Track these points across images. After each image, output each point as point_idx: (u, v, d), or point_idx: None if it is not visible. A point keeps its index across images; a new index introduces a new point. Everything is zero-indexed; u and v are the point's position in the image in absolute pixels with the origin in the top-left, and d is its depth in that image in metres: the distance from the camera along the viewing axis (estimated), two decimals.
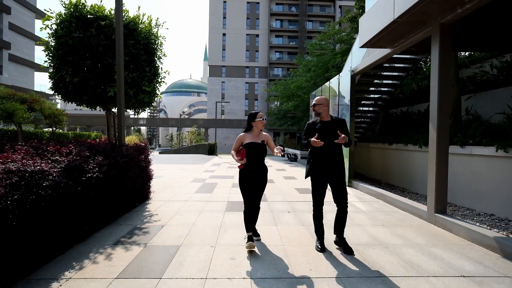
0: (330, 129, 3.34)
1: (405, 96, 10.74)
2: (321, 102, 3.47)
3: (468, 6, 4.02)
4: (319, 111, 3.47)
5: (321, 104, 3.44)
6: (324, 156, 3.34)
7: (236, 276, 2.80)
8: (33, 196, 2.64)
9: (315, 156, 3.39)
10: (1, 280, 2.44)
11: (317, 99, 3.50)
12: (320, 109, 3.45)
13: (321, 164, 3.37)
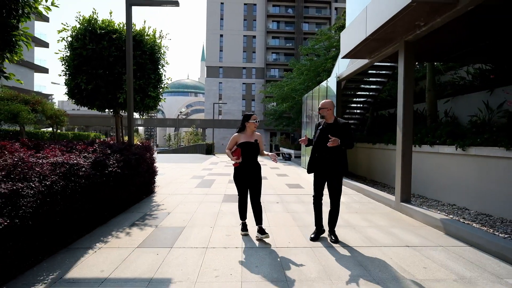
0: (332, 131, 3.57)
1: (392, 99, 11.55)
2: (326, 106, 3.69)
3: (424, 29, 4.83)
4: (324, 113, 3.71)
5: (325, 108, 3.68)
6: (324, 155, 3.62)
7: (230, 246, 3.58)
8: (71, 184, 3.41)
9: (317, 154, 3.70)
10: (51, 247, 3.20)
11: (322, 103, 3.73)
12: (325, 112, 3.70)
13: (321, 161, 3.66)
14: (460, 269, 3.01)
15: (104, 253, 3.32)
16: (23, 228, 2.71)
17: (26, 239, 2.79)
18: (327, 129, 3.62)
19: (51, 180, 3.05)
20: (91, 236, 3.84)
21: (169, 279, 2.72)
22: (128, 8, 6.12)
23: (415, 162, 7.36)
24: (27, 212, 2.71)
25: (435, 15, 4.47)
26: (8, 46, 2.90)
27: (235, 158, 3.76)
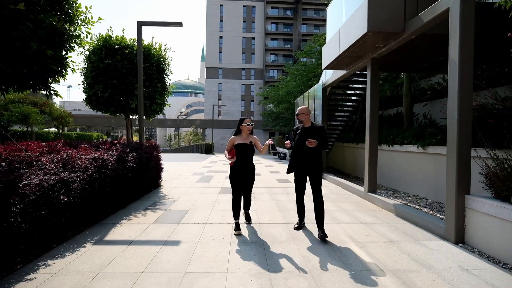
0: (309, 134, 3.95)
1: (380, 102, 12.58)
2: (303, 111, 4.07)
3: (384, 49, 5.91)
4: (301, 119, 4.08)
5: (302, 113, 4.06)
6: (303, 156, 4.00)
7: (223, 222, 4.66)
8: (103, 174, 4.48)
9: (296, 155, 4.09)
10: (89, 222, 4.28)
11: (299, 109, 4.09)
12: (302, 117, 4.07)
13: (300, 162, 4.04)
14: (392, 236, 4.09)
15: (128, 226, 4.40)
16: (74, 204, 3.78)
17: (75, 213, 3.86)
18: (305, 133, 4.00)
19: (91, 171, 4.12)
20: (115, 216, 4.91)
21: (178, 241, 3.80)
22: (139, 28, 7.19)
23: (389, 159, 8.47)
24: (76, 194, 3.78)
25: (389, 40, 5.55)
26: (61, 72, 3.94)
27: (230, 157, 4.11)
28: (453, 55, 3.93)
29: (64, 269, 2.97)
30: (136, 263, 3.14)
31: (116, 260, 3.19)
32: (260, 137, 50.92)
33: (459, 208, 3.84)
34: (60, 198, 3.46)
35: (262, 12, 58.30)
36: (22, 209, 2.87)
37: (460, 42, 3.82)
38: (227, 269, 3.02)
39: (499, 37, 4.49)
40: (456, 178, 3.84)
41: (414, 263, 3.21)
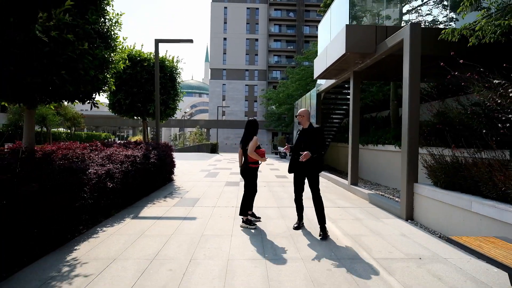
0: (307, 135, 4.21)
1: (374, 104, 13.70)
2: (301, 113, 4.29)
3: (362, 65, 7.07)
4: (300, 120, 4.33)
5: (300, 115, 4.29)
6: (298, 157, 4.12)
7: (228, 206, 5.87)
8: (131, 168, 5.70)
9: (296, 156, 4.22)
10: (125, 205, 5.51)
11: (299, 112, 4.34)
12: (300, 119, 4.31)
13: (299, 163, 4.16)
14: (360, 216, 5.27)
15: (154, 208, 5.63)
16: (116, 190, 5.01)
17: (116, 196, 5.10)
18: (302, 134, 4.28)
19: (126, 164, 5.36)
20: (142, 202, 6.14)
21: (195, 217, 5.02)
22: (156, 44, 8.43)
23: (374, 157, 9.62)
24: (117, 182, 5.01)
25: (365, 59, 6.72)
26: (104, 90, 5.18)
27: (263, 159, 4.45)
28: (405, 74, 5.10)
29: (116, 232, 4.20)
30: (166, 229, 4.36)
31: (151, 228, 4.41)
32: (263, 137, 52.04)
33: (409, 193, 5.01)
34: (108, 185, 4.70)
35: (266, 14, 59.22)
36: (89, 189, 4.11)
37: (409, 64, 4.99)
38: (231, 234, 4.23)
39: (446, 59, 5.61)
40: (407, 170, 5.02)
41: (368, 231, 4.40)
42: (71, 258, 3.29)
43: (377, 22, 7.69)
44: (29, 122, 4.78)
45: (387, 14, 7.69)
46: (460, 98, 6.34)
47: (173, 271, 3.02)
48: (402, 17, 8.63)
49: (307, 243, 3.90)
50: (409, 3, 8.43)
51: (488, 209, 3.49)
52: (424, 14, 8.87)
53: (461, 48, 5.04)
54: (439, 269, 3.13)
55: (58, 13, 3.73)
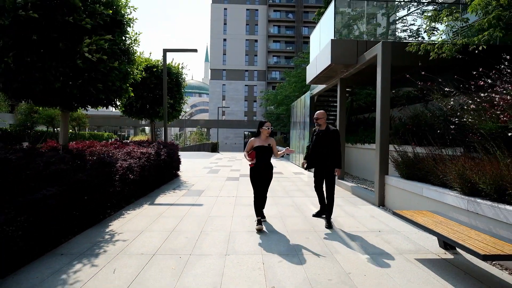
0: (325, 136, 4.48)
1: (366, 105, 14.65)
2: (320, 116, 4.51)
3: (347, 73, 8.04)
4: (319, 122, 4.55)
5: (320, 118, 4.54)
6: (321, 155, 4.58)
7: (230, 195, 6.85)
8: (147, 163, 6.67)
9: (314, 155, 4.67)
10: (141, 195, 6.48)
11: (316, 114, 4.54)
12: (319, 121, 4.54)
13: (317, 161, 4.63)
14: (341, 203, 6.24)
15: (166, 197, 6.61)
16: (135, 181, 5.97)
17: (135, 187, 6.06)
18: (322, 136, 4.53)
19: (143, 160, 6.33)
20: (155, 193, 7.11)
21: (201, 204, 6.00)
22: (164, 54, 9.39)
23: (361, 155, 10.59)
24: (136, 174, 5.98)
25: (349, 68, 7.69)
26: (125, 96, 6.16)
27: (250, 159, 4.35)
28: (378, 83, 6.07)
29: (139, 214, 5.17)
30: (178, 213, 5.33)
31: (166, 211, 5.38)
32: None
33: (381, 184, 5.99)
34: (130, 176, 5.67)
35: (265, 15, 59.98)
36: (117, 180, 5.08)
37: (381, 75, 5.96)
38: (232, 215, 5.20)
39: (415, 69, 6.57)
40: (379, 164, 5.99)
41: (345, 214, 5.37)
42: (109, 230, 4.26)
43: (363, 34, 8.66)
44: (64, 124, 5.76)
45: (367, 30, 8.68)
46: (428, 104, 7.35)
47: (189, 238, 4.00)
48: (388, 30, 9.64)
49: (293, 221, 4.88)
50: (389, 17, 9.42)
51: (433, 193, 4.46)
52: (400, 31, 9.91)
53: (428, 61, 5.98)
54: (390, 237, 4.11)
55: (96, 39, 4.70)
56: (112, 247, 3.62)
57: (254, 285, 2.77)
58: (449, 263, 3.30)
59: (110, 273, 2.95)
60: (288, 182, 9.20)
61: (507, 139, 4.07)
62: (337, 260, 3.35)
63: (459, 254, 3.55)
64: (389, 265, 3.23)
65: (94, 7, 4.90)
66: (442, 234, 2.87)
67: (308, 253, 3.54)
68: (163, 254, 3.45)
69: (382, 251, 3.65)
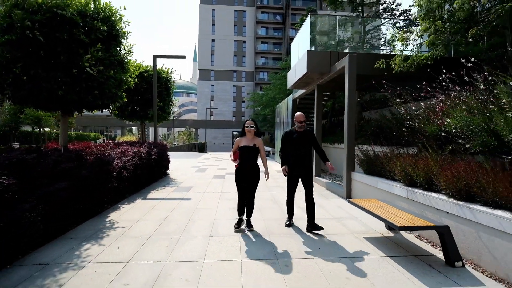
0: (304, 137, 4.45)
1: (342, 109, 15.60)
2: (302, 119, 4.41)
3: (322, 80, 8.88)
4: (303, 125, 4.41)
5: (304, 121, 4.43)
6: (301, 157, 4.43)
7: (216, 191, 7.57)
8: (139, 162, 7.31)
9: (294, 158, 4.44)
10: (133, 191, 7.12)
11: (301, 116, 4.43)
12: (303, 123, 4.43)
13: (296, 163, 4.43)
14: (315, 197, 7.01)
15: (157, 193, 7.27)
16: (128, 178, 6.61)
17: (129, 184, 6.70)
18: (301, 137, 4.44)
19: (135, 159, 6.98)
20: (146, 189, 7.75)
21: (190, 198, 6.70)
22: (154, 59, 10.01)
23: (339, 154, 11.45)
24: (130, 171, 6.62)
25: (323, 76, 8.53)
26: (119, 102, 6.77)
27: (234, 160, 4.27)
28: (345, 90, 6.91)
29: (133, 207, 5.83)
30: (169, 205, 6.02)
31: (158, 205, 6.06)
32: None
33: (349, 179, 6.82)
34: (124, 174, 6.32)
35: (253, 16, 60.60)
36: (114, 177, 5.73)
37: (348, 83, 6.80)
38: (216, 207, 5.93)
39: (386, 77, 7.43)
40: (346, 162, 6.83)
41: (315, 206, 6.17)
42: (108, 220, 4.92)
43: (336, 46, 9.52)
44: (64, 126, 6.35)
45: (345, 39, 9.55)
46: (391, 108, 8.25)
47: (178, 225, 4.71)
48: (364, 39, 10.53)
49: (270, 212, 5.65)
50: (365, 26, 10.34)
51: (385, 185, 5.31)
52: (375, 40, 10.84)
53: (389, 71, 6.83)
54: (348, 222, 4.93)
55: (93, 52, 5.35)
56: (113, 232, 4.30)
57: (230, 255, 3.52)
58: (387, 239, 4.13)
59: (115, 249, 3.64)
60: (270, 179, 9.97)
61: (445, 140, 4.94)
62: (300, 238, 4.14)
63: (399, 233, 4.39)
64: (340, 241, 4.04)
65: (93, 23, 5.54)
66: (377, 214, 3.69)
67: (278, 235, 4.32)
68: (157, 236, 4.16)
69: (338, 232, 4.45)
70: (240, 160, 4.26)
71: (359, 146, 7.07)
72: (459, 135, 4.48)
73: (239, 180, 4.37)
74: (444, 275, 3.07)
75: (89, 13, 5.64)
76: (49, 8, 5.11)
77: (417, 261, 3.43)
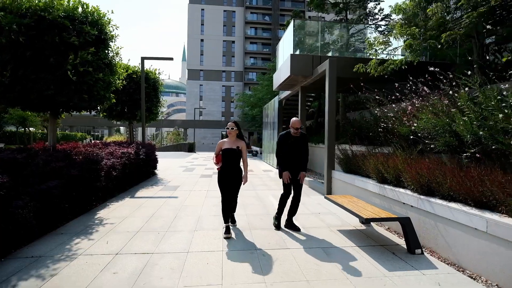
0: (301, 141, 4.51)
1: None
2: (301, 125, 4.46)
3: (305, 83, 9.24)
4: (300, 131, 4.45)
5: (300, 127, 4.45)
6: (295, 160, 4.49)
7: (203, 189, 7.82)
8: (127, 162, 7.50)
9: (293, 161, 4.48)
10: (121, 190, 7.30)
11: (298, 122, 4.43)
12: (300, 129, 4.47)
13: (292, 165, 4.48)
14: None
15: (145, 191, 7.47)
16: (117, 177, 6.80)
17: (118, 182, 6.89)
18: (298, 141, 4.50)
19: (124, 159, 7.16)
20: (134, 188, 7.93)
21: (177, 196, 6.94)
22: (142, 61, 10.18)
23: (322, 154, 11.85)
24: (118, 171, 6.81)
25: (307, 78, 8.89)
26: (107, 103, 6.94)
27: (216, 163, 4.21)
28: (326, 92, 7.27)
29: (122, 205, 6.03)
30: (156, 203, 6.24)
31: (146, 203, 6.28)
32: None
33: (329, 177, 7.19)
34: (113, 173, 6.51)
35: (242, 17, 60.80)
36: (102, 176, 5.92)
37: (328, 86, 7.16)
38: (202, 205, 6.19)
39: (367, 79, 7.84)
40: (327, 161, 7.20)
41: None
42: (97, 217, 5.12)
43: (319, 49, 9.91)
44: (52, 127, 6.50)
45: (324, 44, 9.94)
46: (371, 110, 8.67)
47: (165, 221, 4.95)
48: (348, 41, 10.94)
49: (252, 208, 5.95)
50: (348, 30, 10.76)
51: (360, 182, 5.68)
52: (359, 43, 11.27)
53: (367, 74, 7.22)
54: (326, 217, 5.28)
55: (83, 54, 5.54)
56: (102, 228, 4.51)
57: (213, 247, 3.80)
58: (359, 231, 4.50)
59: (104, 243, 3.87)
60: (256, 178, 10.29)
61: (414, 140, 5.34)
62: (279, 232, 4.46)
63: (371, 226, 4.76)
64: (316, 234, 4.37)
65: (82, 27, 5.72)
66: (347, 208, 4.04)
67: (259, 228, 4.62)
68: (145, 231, 4.40)
69: (315, 226, 4.79)
70: (222, 163, 4.19)
71: (339, 146, 7.45)
72: (426, 136, 4.89)
73: (222, 183, 4.26)
74: (404, 261, 3.44)
75: (77, 17, 5.81)
76: (35, 11, 5.28)
77: (383, 249, 3.79)
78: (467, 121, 4.09)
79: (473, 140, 4.03)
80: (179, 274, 3.06)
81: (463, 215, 3.29)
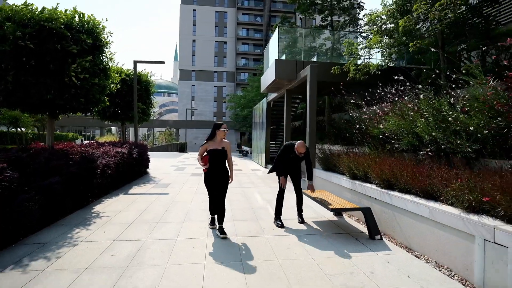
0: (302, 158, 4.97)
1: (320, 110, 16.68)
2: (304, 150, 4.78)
3: (290, 86, 9.79)
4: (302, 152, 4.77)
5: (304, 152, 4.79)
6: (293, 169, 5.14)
7: (192, 187, 8.30)
8: (121, 161, 7.93)
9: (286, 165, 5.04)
10: (115, 187, 7.73)
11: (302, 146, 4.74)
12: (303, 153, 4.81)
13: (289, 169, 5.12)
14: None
15: (138, 189, 7.91)
16: (111, 176, 7.23)
17: (112, 180, 7.32)
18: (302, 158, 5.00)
19: (118, 158, 7.60)
20: (127, 186, 8.36)
21: (168, 193, 7.40)
22: (134, 64, 10.60)
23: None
24: (112, 169, 7.24)
25: (291, 82, 9.44)
26: (101, 105, 7.37)
27: (203, 164, 4.12)
28: (308, 95, 7.83)
29: (116, 200, 6.48)
30: (149, 199, 6.71)
31: (139, 199, 6.74)
32: (232, 136, 54.23)
33: None
34: (108, 171, 6.94)
35: (234, 18, 61.16)
36: (98, 173, 6.36)
37: (309, 90, 7.72)
38: (191, 200, 6.68)
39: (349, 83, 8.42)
40: None
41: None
42: (94, 211, 5.57)
43: (302, 55, 10.49)
44: (50, 128, 6.90)
45: (309, 48, 10.52)
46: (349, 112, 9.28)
47: (157, 214, 5.43)
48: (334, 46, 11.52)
49: (238, 203, 6.46)
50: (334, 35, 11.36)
51: (336, 179, 6.25)
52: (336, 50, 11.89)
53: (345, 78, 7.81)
54: (304, 210, 5.82)
55: (81, 61, 5.98)
56: (99, 220, 4.97)
57: (199, 235, 4.31)
58: (331, 222, 5.06)
59: (102, 232, 4.34)
60: (244, 176, 10.81)
61: (383, 140, 5.92)
62: (259, 223, 4.99)
63: (343, 218, 5.33)
64: (292, 224, 4.92)
65: (79, 36, 6.16)
66: (317, 199, 4.58)
67: (241, 220, 5.15)
68: (138, 222, 4.88)
69: (292, 218, 5.34)
70: (209, 164, 4.18)
71: (322, 145, 8.01)
72: (393, 137, 5.48)
73: (209, 184, 4.29)
74: (364, 245, 4.00)
75: (74, 25, 6.25)
76: (37, 21, 5.70)
77: (349, 236, 4.35)
78: (425, 123, 4.69)
79: (431, 140, 4.63)
80: (168, 255, 3.56)
81: (413, 205, 3.87)
